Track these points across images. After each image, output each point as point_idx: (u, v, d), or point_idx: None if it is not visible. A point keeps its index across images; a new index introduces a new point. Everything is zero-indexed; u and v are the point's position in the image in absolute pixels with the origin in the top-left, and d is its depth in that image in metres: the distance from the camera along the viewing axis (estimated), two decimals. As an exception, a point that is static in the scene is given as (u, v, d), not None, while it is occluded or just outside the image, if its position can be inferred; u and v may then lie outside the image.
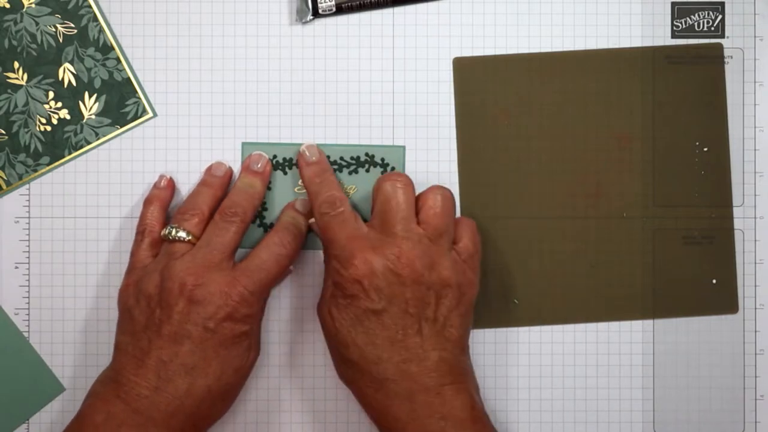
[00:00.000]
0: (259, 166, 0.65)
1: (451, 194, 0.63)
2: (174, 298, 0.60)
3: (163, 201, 0.65)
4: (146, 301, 0.61)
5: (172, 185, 0.66)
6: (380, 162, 0.67)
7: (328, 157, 0.67)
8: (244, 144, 0.67)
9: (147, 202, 0.65)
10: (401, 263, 0.60)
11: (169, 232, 0.62)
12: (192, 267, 0.61)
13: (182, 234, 0.62)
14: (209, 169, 0.66)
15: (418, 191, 0.66)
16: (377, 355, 0.60)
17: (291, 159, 0.67)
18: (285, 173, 0.67)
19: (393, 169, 0.67)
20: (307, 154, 0.65)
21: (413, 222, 0.61)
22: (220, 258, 0.61)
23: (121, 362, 0.61)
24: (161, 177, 0.66)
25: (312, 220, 0.65)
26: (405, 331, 0.60)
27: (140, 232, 0.64)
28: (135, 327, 0.61)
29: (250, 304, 0.61)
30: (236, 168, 0.67)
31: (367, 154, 0.67)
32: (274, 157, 0.67)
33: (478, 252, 0.63)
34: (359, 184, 0.67)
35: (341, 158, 0.67)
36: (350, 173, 0.67)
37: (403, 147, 0.67)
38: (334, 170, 0.66)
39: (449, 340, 0.61)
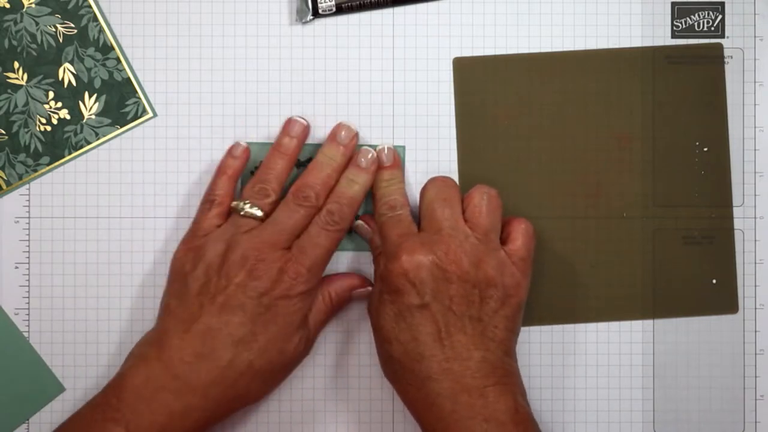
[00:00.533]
0: (343, 137, 0.65)
1: (497, 194, 0.63)
2: (235, 270, 0.61)
3: (236, 171, 0.65)
4: (205, 268, 0.61)
5: (246, 155, 0.65)
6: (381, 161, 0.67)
7: None
8: (249, 144, 0.67)
9: (220, 171, 0.65)
10: (448, 259, 0.60)
11: (242, 208, 0.63)
12: (258, 243, 0.61)
13: (255, 211, 0.62)
14: (287, 127, 0.65)
15: (417, 191, 0.66)
16: (420, 353, 0.60)
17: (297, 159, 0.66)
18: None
19: None
20: (384, 156, 0.65)
21: (460, 220, 0.62)
22: (285, 238, 0.62)
23: (168, 325, 0.61)
24: (237, 145, 0.65)
25: (357, 222, 0.65)
26: (448, 329, 0.60)
27: (209, 201, 0.64)
28: (188, 291, 0.61)
29: (307, 280, 0.62)
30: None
31: None
32: None
33: (530, 257, 0.63)
34: None
35: None
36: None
37: (403, 147, 0.67)
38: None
39: (493, 341, 0.60)
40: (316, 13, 0.67)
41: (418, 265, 0.60)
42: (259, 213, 0.62)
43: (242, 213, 0.62)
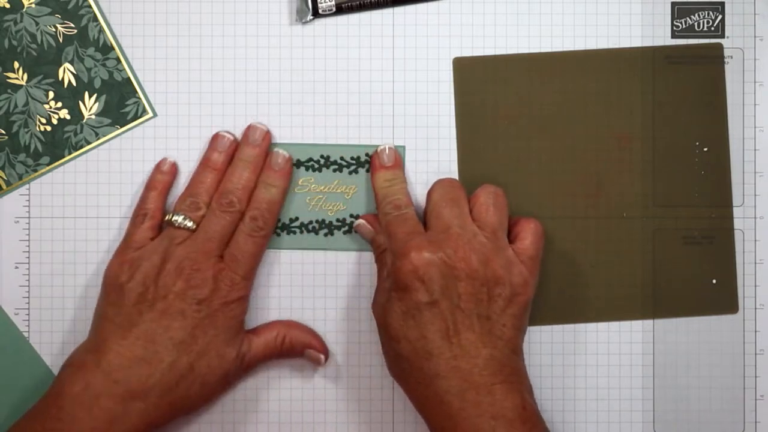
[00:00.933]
0: (256, 138, 0.66)
1: (503, 192, 0.64)
2: (172, 279, 0.62)
3: (165, 186, 0.66)
4: (142, 278, 0.62)
5: (174, 170, 0.66)
6: (382, 161, 0.67)
7: (328, 157, 0.67)
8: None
9: (149, 186, 0.66)
10: (457, 257, 0.60)
11: (175, 220, 0.64)
12: (192, 253, 0.62)
13: (188, 223, 0.64)
14: (214, 142, 0.66)
15: (417, 191, 0.66)
16: (428, 350, 0.60)
17: (291, 159, 0.67)
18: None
19: None
20: (385, 156, 0.66)
21: (468, 219, 0.62)
22: (216, 246, 0.63)
23: (106, 331, 0.62)
24: (164, 160, 0.66)
25: (359, 221, 0.66)
26: (456, 327, 0.60)
27: (141, 215, 0.65)
28: (125, 301, 0.62)
29: (243, 287, 0.63)
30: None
31: (367, 154, 0.67)
32: None
33: (538, 256, 0.63)
34: (359, 184, 0.67)
35: (341, 158, 0.67)
36: (350, 173, 0.67)
37: (403, 147, 0.67)
38: (335, 170, 0.66)
39: (501, 339, 0.61)
40: (316, 13, 0.67)
41: (428, 263, 0.60)
42: (191, 224, 0.64)
43: (176, 225, 0.63)
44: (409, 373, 0.61)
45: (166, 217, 0.64)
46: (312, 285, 0.67)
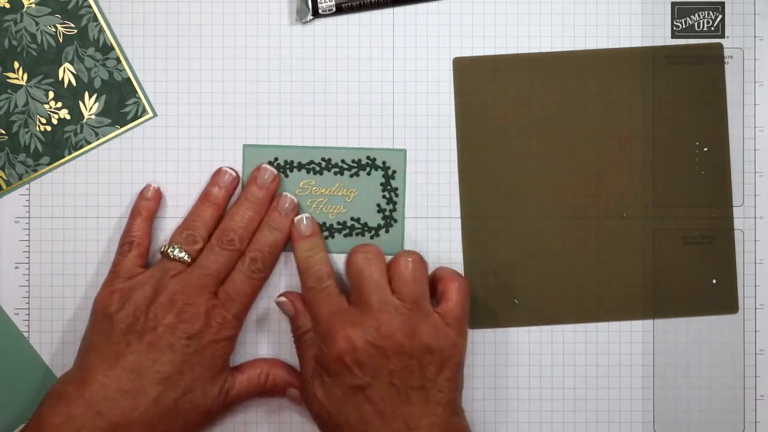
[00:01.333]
0: (266, 179, 0.65)
1: (420, 258, 0.63)
2: (163, 312, 0.61)
3: (150, 212, 0.66)
4: (132, 309, 0.62)
5: (158, 195, 0.66)
6: (381, 165, 0.67)
7: (329, 159, 0.67)
8: (245, 146, 0.67)
9: (134, 213, 0.65)
10: (381, 335, 0.60)
11: (171, 251, 0.63)
12: (186, 287, 0.62)
13: (184, 256, 0.63)
14: (215, 177, 0.66)
15: (417, 191, 0.66)
16: (368, 430, 0.60)
17: (292, 161, 0.67)
18: (286, 176, 0.67)
19: (395, 172, 0.67)
20: (303, 226, 0.65)
21: (387, 291, 0.62)
22: (212, 282, 0.63)
23: (92, 361, 0.61)
24: (148, 187, 0.66)
25: (280, 299, 0.65)
26: (392, 403, 0.60)
27: (127, 243, 0.65)
28: (114, 331, 0.62)
29: (234, 326, 0.63)
30: (238, 168, 0.67)
31: (368, 157, 0.67)
32: (275, 159, 0.67)
33: (465, 314, 0.63)
34: (360, 188, 0.67)
35: (342, 161, 0.67)
36: (351, 176, 0.67)
37: (404, 150, 0.67)
38: (335, 173, 0.66)
39: (439, 405, 0.61)
40: (316, 13, 0.67)
41: (353, 347, 0.60)
42: (186, 257, 0.63)
43: (171, 256, 0.63)
44: None
45: (162, 249, 0.64)
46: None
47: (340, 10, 0.67)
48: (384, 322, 0.61)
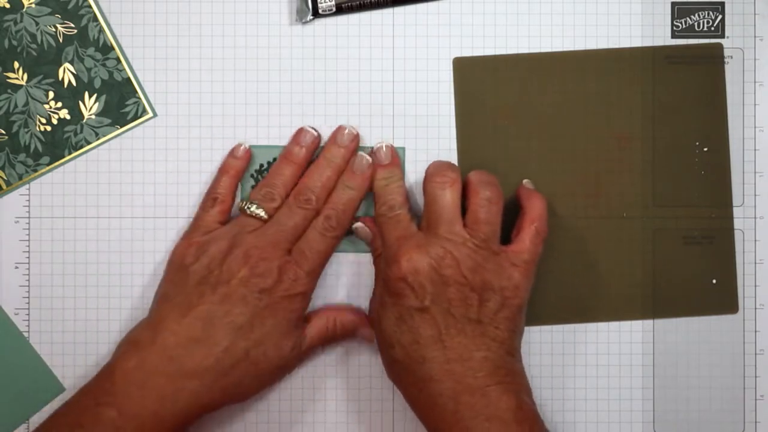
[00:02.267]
0: (345, 139, 0.66)
1: (497, 196, 0.63)
2: (237, 266, 0.62)
3: (238, 171, 0.66)
4: (207, 261, 0.62)
5: (248, 155, 0.66)
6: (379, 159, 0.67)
7: None
8: (252, 147, 0.67)
9: (222, 170, 0.66)
10: (445, 263, 0.61)
11: (248, 207, 0.64)
12: (262, 242, 0.62)
13: (261, 213, 0.64)
14: (297, 136, 0.66)
15: (418, 192, 0.66)
16: (421, 355, 0.60)
17: None
18: None
19: None
20: (382, 154, 0.66)
21: (458, 224, 0.62)
22: (286, 238, 0.63)
23: (164, 311, 0.62)
24: (239, 146, 0.66)
25: (357, 224, 0.66)
26: (448, 331, 0.60)
27: (212, 199, 0.65)
28: (188, 281, 0.62)
29: (306, 283, 0.63)
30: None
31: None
32: (275, 159, 0.67)
33: (534, 259, 0.63)
34: None
35: None
36: None
37: (403, 148, 0.67)
38: None
39: (494, 341, 0.61)
40: (316, 13, 0.67)
41: (416, 270, 0.61)
42: (264, 214, 0.64)
43: (248, 212, 0.64)
44: (404, 377, 0.61)
45: (240, 204, 0.64)
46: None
47: (340, 10, 0.67)
48: (450, 250, 0.61)
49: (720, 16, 0.67)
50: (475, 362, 0.60)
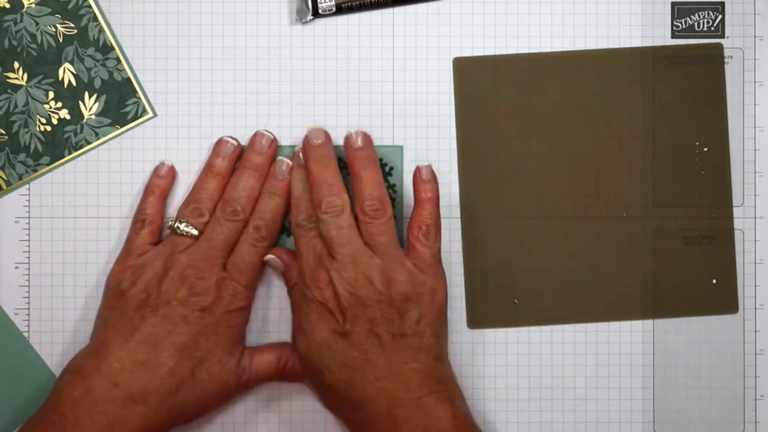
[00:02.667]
0: (263, 145, 0.65)
1: (383, 204, 0.62)
2: (175, 287, 0.62)
3: (163, 190, 0.66)
4: (144, 285, 0.62)
5: (172, 174, 0.66)
6: (379, 162, 0.67)
7: None
8: (245, 146, 0.67)
9: (148, 191, 0.66)
10: (359, 284, 0.61)
11: (177, 227, 0.63)
12: (195, 261, 0.62)
13: (191, 230, 0.63)
14: (217, 148, 0.66)
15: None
16: (351, 377, 0.61)
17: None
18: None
19: (392, 168, 0.67)
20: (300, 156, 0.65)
21: (359, 241, 0.62)
22: (220, 254, 0.63)
23: (107, 336, 0.62)
24: (162, 165, 0.66)
25: (268, 257, 0.65)
26: (373, 349, 0.61)
27: (140, 221, 0.65)
28: (127, 307, 0.62)
29: (245, 297, 0.63)
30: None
31: None
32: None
33: (436, 257, 0.63)
34: None
35: (339, 159, 0.67)
36: (348, 174, 0.67)
37: (401, 147, 0.67)
38: None
39: (420, 350, 0.61)
40: (316, 13, 0.67)
41: (335, 295, 0.61)
42: (194, 231, 0.64)
43: (179, 232, 0.63)
44: (337, 401, 0.62)
45: (169, 224, 0.64)
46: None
47: (340, 10, 0.67)
48: (360, 270, 0.61)
49: (720, 16, 0.67)
50: (405, 375, 0.60)
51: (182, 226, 0.64)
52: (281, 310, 0.67)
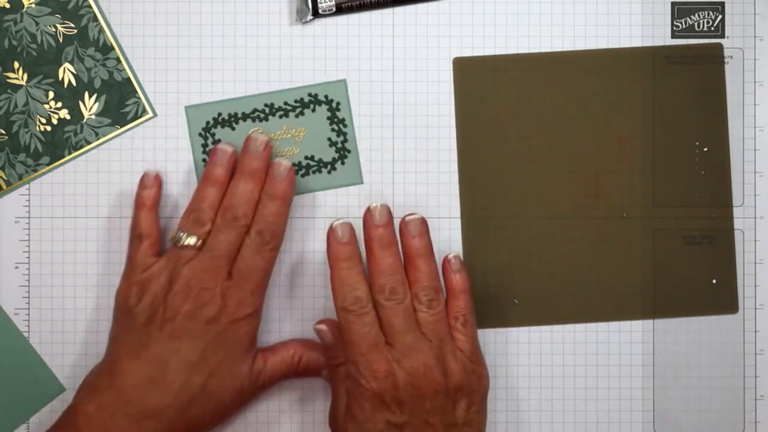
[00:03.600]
0: (258, 147, 0.64)
1: (436, 296, 0.62)
2: (180, 301, 0.61)
3: (153, 201, 0.65)
4: (150, 300, 0.62)
5: (159, 181, 0.66)
6: (324, 99, 0.66)
7: (272, 104, 0.66)
8: (187, 108, 0.66)
9: (138, 205, 0.65)
10: (419, 374, 0.60)
11: (179, 239, 0.63)
12: (199, 272, 0.62)
13: (192, 241, 0.63)
14: (213, 156, 0.64)
15: (418, 192, 0.66)
16: None
17: (236, 113, 0.66)
18: (233, 129, 0.66)
19: (339, 104, 0.66)
20: (339, 232, 0.63)
21: (417, 330, 0.61)
22: (224, 263, 0.62)
23: (118, 354, 0.62)
24: (147, 175, 0.66)
25: (320, 327, 0.64)
26: None
27: (136, 237, 0.64)
28: (135, 323, 0.62)
29: (252, 303, 0.63)
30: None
31: (310, 94, 0.67)
32: (219, 114, 0.66)
33: (476, 344, 0.63)
34: (308, 126, 0.67)
35: (285, 102, 0.66)
36: (297, 116, 0.66)
37: (344, 80, 0.67)
38: (281, 116, 0.66)
39: None
40: (316, 13, 0.67)
41: (394, 386, 0.60)
42: (194, 241, 0.63)
43: (180, 244, 0.63)
44: None
45: (170, 236, 0.64)
46: (307, 284, 0.67)
47: (340, 10, 0.67)
48: (421, 360, 0.60)
49: (720, 16, 0.67)
50: None
51: (183, 238, 0.63)
52: (281, 310, 0.67)
